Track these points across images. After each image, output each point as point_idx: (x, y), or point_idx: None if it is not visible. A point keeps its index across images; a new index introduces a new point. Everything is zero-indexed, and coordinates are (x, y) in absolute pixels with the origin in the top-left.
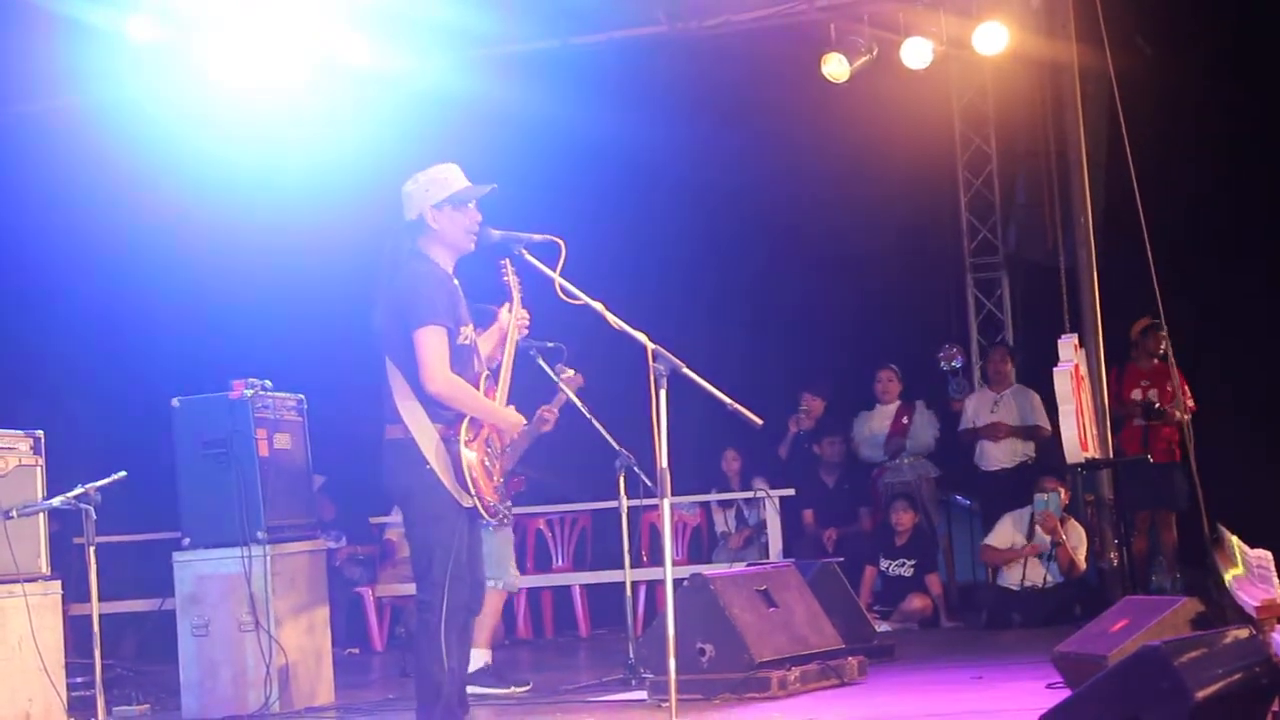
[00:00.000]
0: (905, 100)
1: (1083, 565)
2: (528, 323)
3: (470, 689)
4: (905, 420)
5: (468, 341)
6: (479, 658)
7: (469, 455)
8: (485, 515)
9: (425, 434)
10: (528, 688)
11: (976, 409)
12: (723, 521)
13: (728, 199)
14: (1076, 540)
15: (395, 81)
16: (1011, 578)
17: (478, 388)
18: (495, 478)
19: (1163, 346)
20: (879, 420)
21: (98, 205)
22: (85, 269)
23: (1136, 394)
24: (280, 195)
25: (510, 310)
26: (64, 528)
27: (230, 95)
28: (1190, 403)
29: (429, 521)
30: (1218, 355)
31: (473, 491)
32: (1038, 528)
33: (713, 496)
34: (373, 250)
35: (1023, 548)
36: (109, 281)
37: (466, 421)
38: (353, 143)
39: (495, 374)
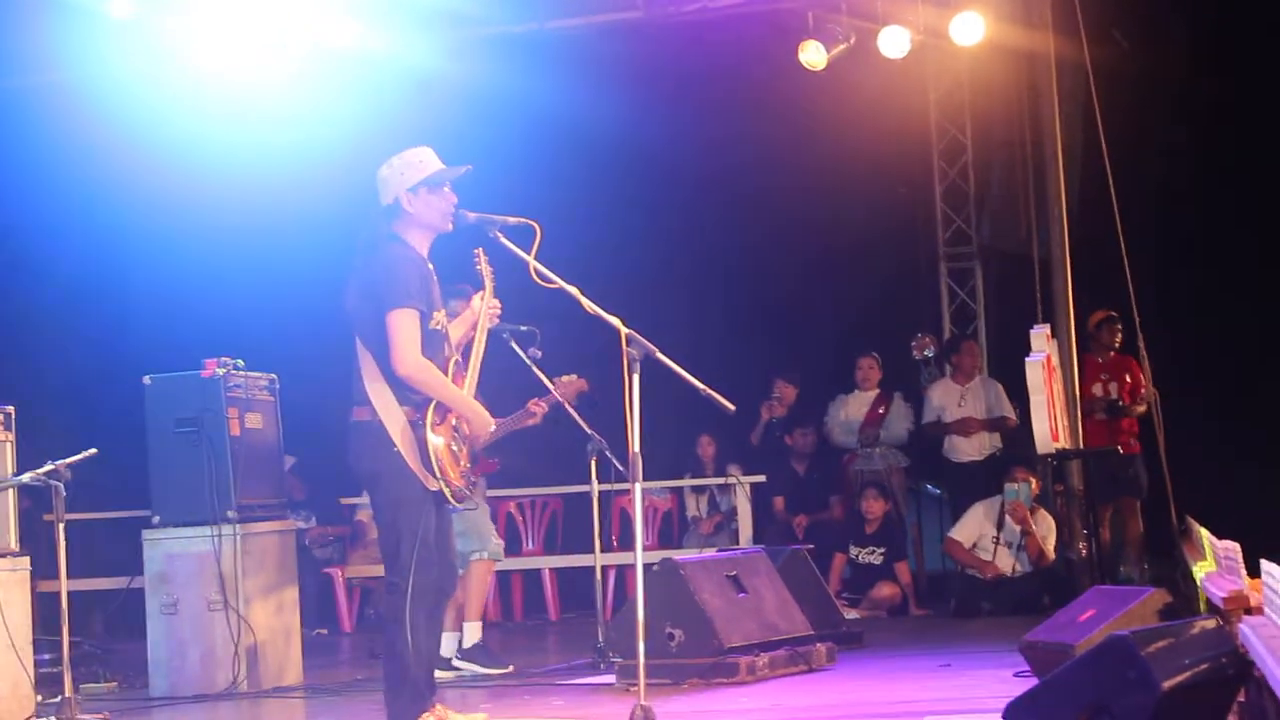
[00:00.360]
0: (882, 89)
1: (1051, 555)
2: (499, 311)
3: (465, 665)
4: (882, 410)
5: (439, 327)
6: (472, 633)
7: (435, 440)
8: (451, 500)
9: (392, 417)
10: (509, 670)
11: (943, 401)
12: (695, 506)
13: (703, 185)
14: (1045, 530)
15: (374, 63)
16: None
17: (447, 373)
18: (462, 462)
19: (1118, 339)
20: (856, 406)
21: (72, 183)
22: (59, 246)
23: (1097, 389)
24: (257, 175)
25: (483, 299)
26: (34, 505)
27: (208, 75)
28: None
29: (396, 504)
30: (1188, 347)
31: (439, 475)
32: (1008, 517)
33: (684, 482)
34: (348, 231)
35: (988, 560)
36: (82, 258)
37: (434, 405)
38: (330, 124)
39: (465, 360)
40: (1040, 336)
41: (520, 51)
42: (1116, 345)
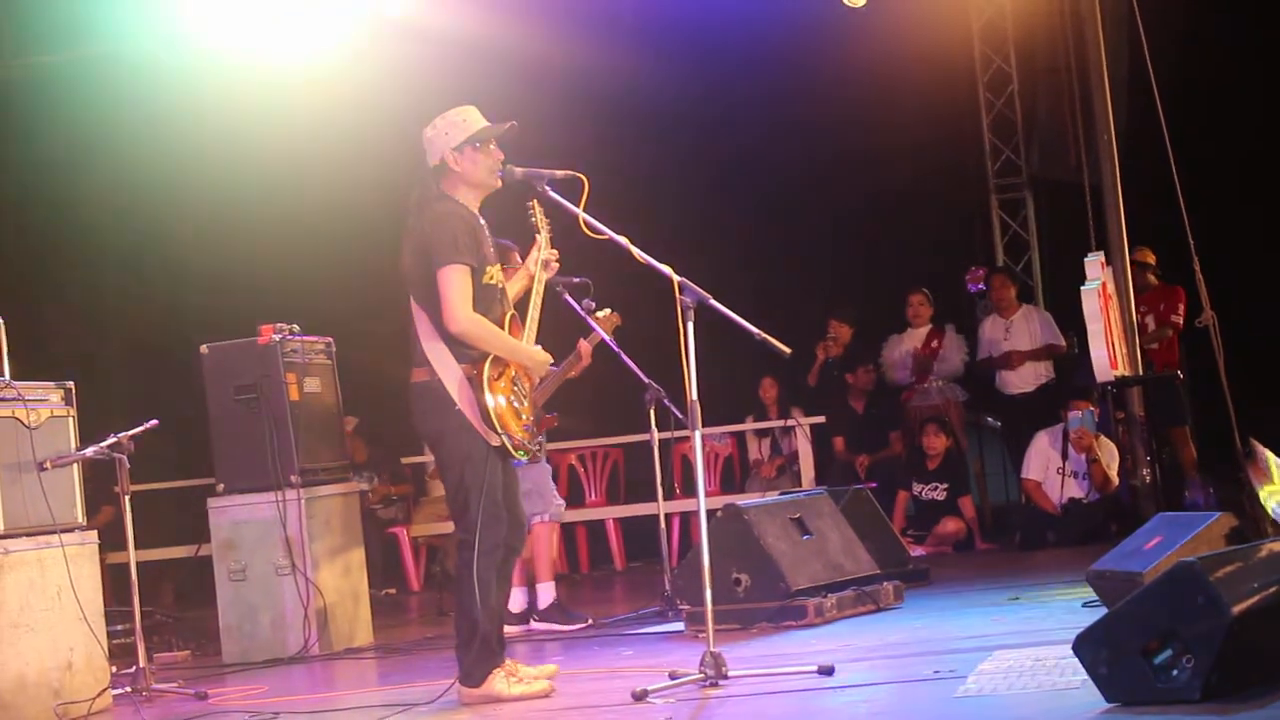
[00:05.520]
0: (925, 22)
1: (1116, 481)
2: (557, 259)
3: (544, 626)
4: (935, 344)
5: (493, 281)
6: (546, 593)
7: (494, 395)
8: (514, 452)
9: (450, 375)
10: (588, 623)
11: (991, 336)
12: (756, 450)
13: (750, 126)
14: (1109, 457)
15: (422, 31)
16: (1050, 496)
17: (503, 327)
18: (524, 415)
19: (1147, 274)
20: (909, 343)
21: (125, 154)
22: (111, 217)
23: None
24: (306, 141)
25: (539, 250)
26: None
27: (255, 40)
28: (1178, 319)
29: (461, 461)
30: (1242, 267)
31: (499, 430)
32: (1071, 447)
33: (743, 426)
34: (400, 193)
35: (1056, 495)
36: (136, 229)
37: (490, 360)
38: (378, 85)
39: (522, 313)
40: (1094, 264)
41: (558, 7)
42: (1145, 283)
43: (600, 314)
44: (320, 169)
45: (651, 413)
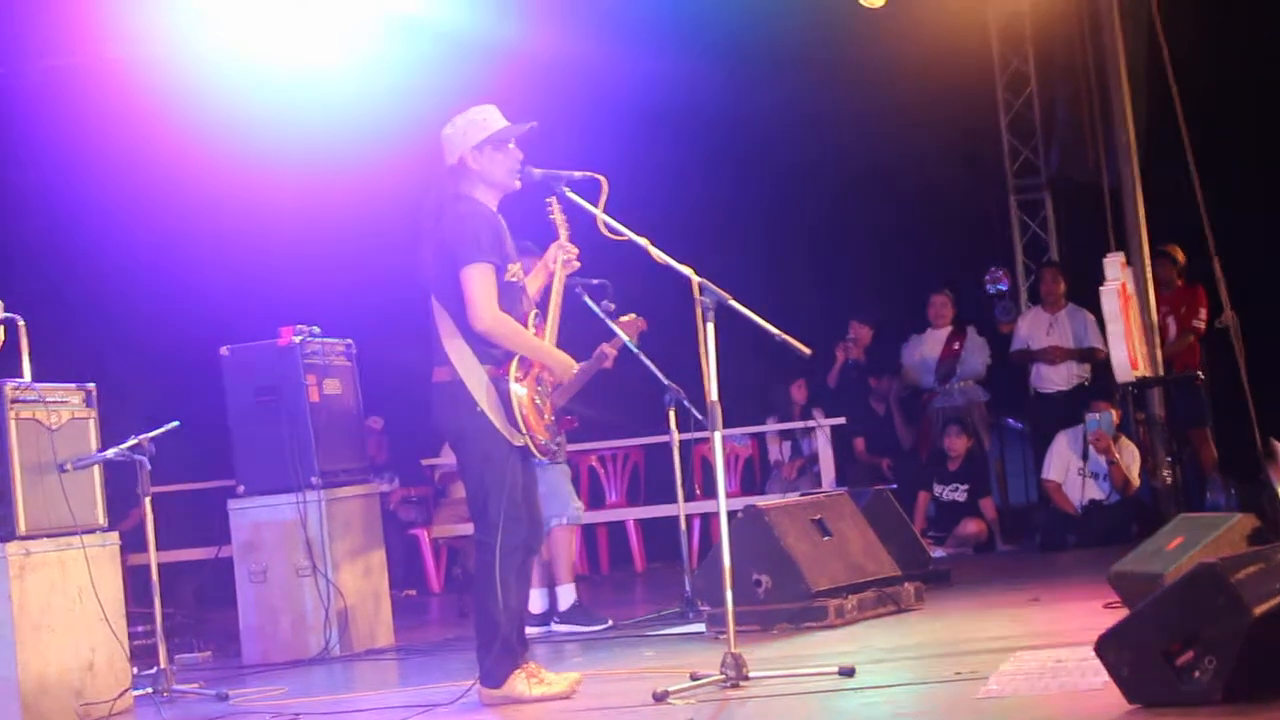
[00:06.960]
0: (943, 23)
1: (1136, 483)
2: (576, 256)
3: (565, 628)
4: (957, 346)
5: (515, 279)
6: (566, 595)
7: (519, 393)
8: (536, 453)
9: (474, 375)
10: (609, 624)
11: (1031, 330)
12: (778, 451)
13: (768, 128)
14: (1130, 459)
15: (441, 31)
16: (1071, 498)
17: (526, 326)
18: (546, 415)
19: (1172, 274)
20: (930, 345)
21: (143, 156)
22: (130, 220)
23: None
24: (324, 141)
25: (558, 247)
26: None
27: (272, 42)
28: (1200, 324)
29: (482, 462)
30: (1260, 267)
31: (523, 430)
32: (1092, 448)
33: (763, 428)
34: (418, 193)
35: (1076, 495)
36: (155, 232)
37: (516, 360)
38: (396, 86)
39: (543, 311)
40: (1114, 264)
41: (579, 7)
42: (1171, 280)
43: (624, 318)
44: (340, 169)
45: (671, 414)
